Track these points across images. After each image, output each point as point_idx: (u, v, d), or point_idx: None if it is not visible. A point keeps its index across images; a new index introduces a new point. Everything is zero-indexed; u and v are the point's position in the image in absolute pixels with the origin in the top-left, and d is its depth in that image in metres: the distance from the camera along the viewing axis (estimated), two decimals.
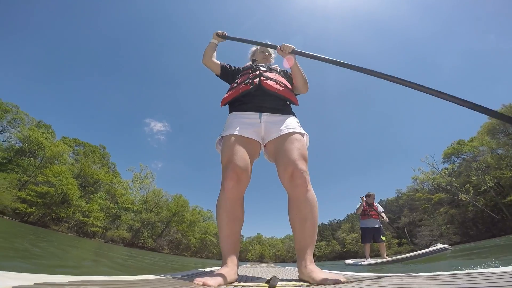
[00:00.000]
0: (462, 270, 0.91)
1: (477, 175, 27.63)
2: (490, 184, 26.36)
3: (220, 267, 1.24)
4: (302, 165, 1.27)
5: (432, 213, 33.14)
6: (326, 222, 68.68)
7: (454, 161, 32.77)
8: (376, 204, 6.16)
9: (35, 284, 0.54)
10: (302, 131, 1.47)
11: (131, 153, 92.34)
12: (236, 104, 1.58)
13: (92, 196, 32.76)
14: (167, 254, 31.60)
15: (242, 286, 0.93)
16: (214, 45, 1.95)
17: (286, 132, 1.41)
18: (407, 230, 39.67)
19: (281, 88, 1.55)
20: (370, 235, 5.91)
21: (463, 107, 1.04)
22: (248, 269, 2.50)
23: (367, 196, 6.22)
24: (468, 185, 27.94)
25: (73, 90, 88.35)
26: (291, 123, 1.47)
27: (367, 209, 6.06)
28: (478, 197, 27.46)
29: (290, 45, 1.66)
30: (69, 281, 0.65)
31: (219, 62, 1.91)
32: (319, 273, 1.03)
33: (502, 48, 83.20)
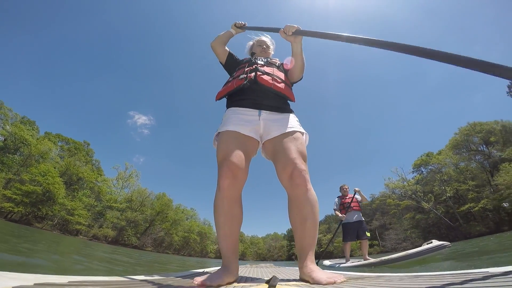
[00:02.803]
0: (461, 270, 0.93)
1: (440, 186, 30.64)
2: (449, 194, 29.37)
3: (220, 267, 1.25)
4: (301, 165, 1.27)
5: (399, 218, 36.12)
6: None
7: (422, 171, 35.88)
8: (356, 196, 5.51)
9: (35, 284, 0.55)
10: (302, 130, 1.47)
11: (112, 146, 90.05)
12: (235, 99, 1.54)
13: (76, 194, 33.02)
14: (151, 252, 32.49)
15: (242, 286, 0.94)
16: (230, 33, 1.89)
17: (285, 131, 1.40)
18: (378, 233, 42.68)
19: (277, 84, 1.52)
20: (353, 231, 5.26)
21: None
22: (248, 269, 2.54)
23: (340, 189, 5.82)
24: (430, 194, 30.90)
25: (55, 82, 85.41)
26: (291, 122, 1.46)
27: (346, 202, 5.48)
28: (438, 206, 30.49)
29: (293, 25, 1.52)
30: (69, 281, 0.66)
31: (227, 50, 1.86)
32: (320, 273, 1.03)
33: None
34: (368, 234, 5.23)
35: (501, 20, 79.47)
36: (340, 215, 5.41)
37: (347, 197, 5.56)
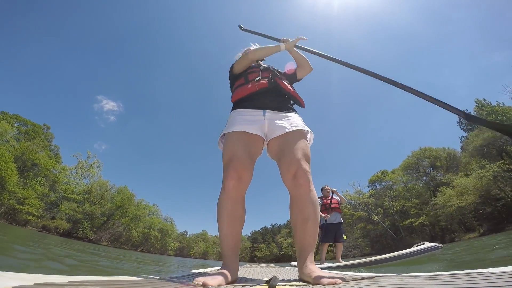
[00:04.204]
0: (461, 270, 0.91)
1: (389, 201, 33.88)
2: (396, 209, 32.63)
3: (220, 267, 1.25)
4: (305, 165, 1.29)
5: (352, 227, 38.99)
6: (268, 226, 73.32)
7: (376, 186, 39.17)
8: (334, 196, 5.52)
9: (35, 284, 0.55)
10: (307, 128, 1.48)
11: (72, 129, 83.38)
12: (240, 101, 1.58)
13: (29, 181, 30.85)
14: (107, 247, 31.47)
15: (242, 286, 0.94)
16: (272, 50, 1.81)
17: (290, 130, 1.41)
18: None
19: (292, 89, 1.61)
20: (332, 232, 5.25)
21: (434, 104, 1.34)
22: (248, 270, 2.53)
23: (322, 189, 5.78)
24: (380, 208, 34.05)
25: (16, 57, 76.66)
26: (296, 121, 1.48)
27: (327, 203, 5.48)
28: (386, 219, 33.70)
29: (290, 40, 1.69)
30: (69, 281, 0.66)
31: None
32: (320, 273, 1.04)
33: (451, 83, 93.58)
34: (345, 237, 5.30)
35: (470, 49, 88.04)
36: (323, 215, 5.33)
37: (329, 199, 5.53)
